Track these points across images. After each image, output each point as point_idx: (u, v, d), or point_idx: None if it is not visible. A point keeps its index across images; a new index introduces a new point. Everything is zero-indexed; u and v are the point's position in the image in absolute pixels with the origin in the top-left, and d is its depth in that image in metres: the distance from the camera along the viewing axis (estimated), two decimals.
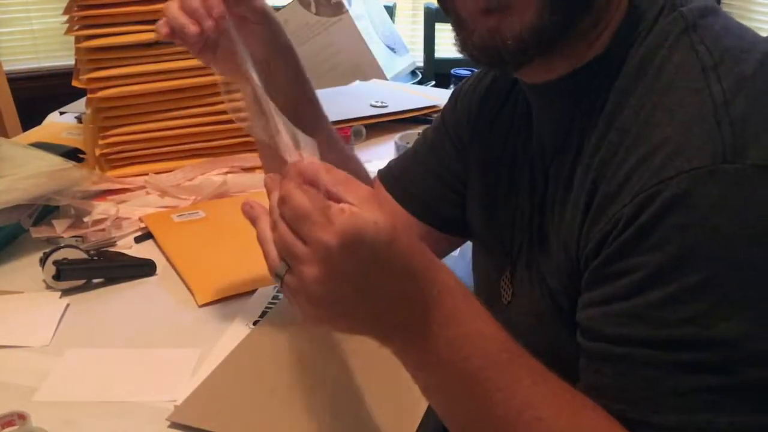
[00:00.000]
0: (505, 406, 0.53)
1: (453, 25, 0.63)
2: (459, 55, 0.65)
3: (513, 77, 0.73)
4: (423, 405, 0.70)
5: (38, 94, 2.07)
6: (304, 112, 0.83)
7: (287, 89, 0.82)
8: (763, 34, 0.63)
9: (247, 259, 0.89)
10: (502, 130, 0.75)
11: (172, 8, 0.71)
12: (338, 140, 0.92)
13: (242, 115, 0.73)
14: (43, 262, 0.91)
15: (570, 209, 0.61)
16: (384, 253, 0.50)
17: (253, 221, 0.56)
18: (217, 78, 1.20)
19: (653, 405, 0.52)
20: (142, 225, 1.06)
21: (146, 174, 1.21)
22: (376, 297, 0.52)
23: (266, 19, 0.78)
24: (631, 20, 0.60)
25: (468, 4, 0.59)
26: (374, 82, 1.68)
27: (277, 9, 1.79)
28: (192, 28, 0.70)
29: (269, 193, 0.55)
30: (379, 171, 0.91)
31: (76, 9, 1.15)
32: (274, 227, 0.52)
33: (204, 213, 1.09)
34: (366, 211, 0.50)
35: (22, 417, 0.67)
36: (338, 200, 0.51)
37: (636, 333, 0.52)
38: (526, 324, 0.68)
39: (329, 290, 0.50)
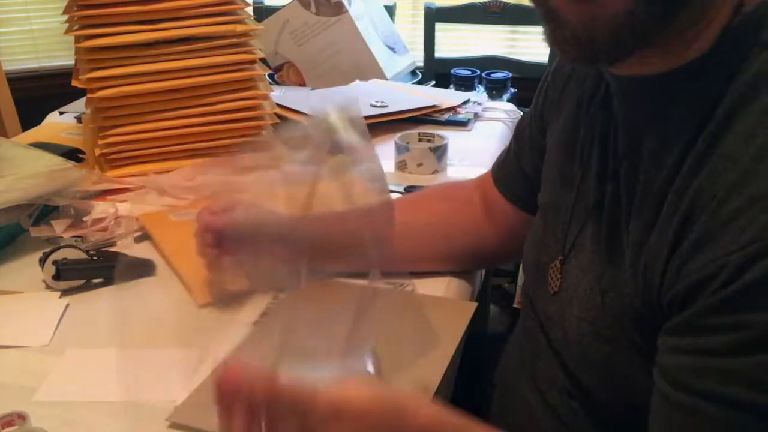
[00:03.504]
0: None
1: (541, 17, 0.58)
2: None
3: None
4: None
5: (38, 94, 2.07)
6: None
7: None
8: None
9: None
10: (579, 105, 0.72)
11: None
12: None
13: None
14: (42, 262, 0.90)
15: (655, 231, 0.56)
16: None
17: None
18: (216, 78, 1.21)
19: None
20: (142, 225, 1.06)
21: (146, 174, 1.21)
22: None
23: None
24: (742, 27, 0.54)
25: None
26: (374, 82, 1.67)
27: (277, 9, 1.79)
28: None
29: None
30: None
31: (75, 9, 1.15)
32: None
33: None
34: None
35: (21, 417, 0.67)
36: None
37: (739, 394, 0.48)
38: (572, 317, 0.66)
39: None
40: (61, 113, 1.57)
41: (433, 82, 2.01)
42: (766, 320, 0.47)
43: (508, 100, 1.86)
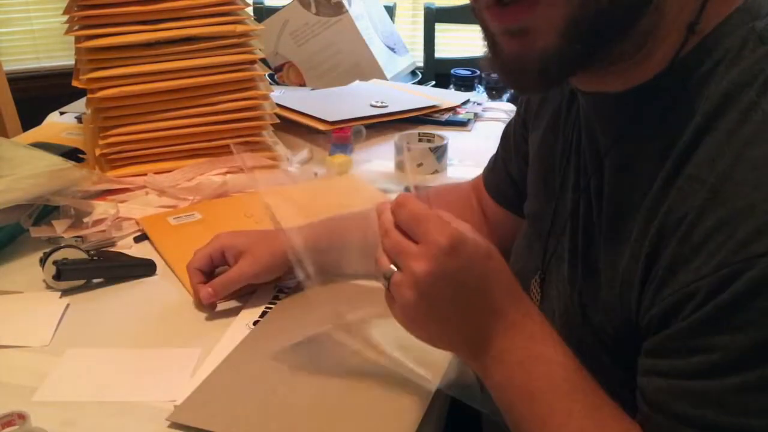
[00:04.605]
0: (555, 429, 0.57)
1: (485, 40, 0.60)
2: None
3: None
4: (423, 406, 0.70)
5: (38, 94, 2.07)
6: None
7: None
8: None
9: None
10: (558, 114, 0.72)
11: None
12: None
13: None
14: (43, 262, 0.91)
15: (627, 252, 0.57)
16: (481, 264, 0.58)
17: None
18: (217, 78, 1.21)
19: None
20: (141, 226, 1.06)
21: (146, 174, 1.21)
22: (468, 304, 0.58)
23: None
24: (699, 48, 0.54)
25: (492, 23, 0.56)
26: (374, 82, 1.67)
27: (277, 9, 1.79)
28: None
29: (379, 216, 0.61)
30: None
31: (76, 9, 1.15)
32: (385, 235, 0.59)
33: (200, 215, 1.09)
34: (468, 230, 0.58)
35: (21, 417, 0.67)
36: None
37: (710, 416, 0.49)
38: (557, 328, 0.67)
39: (434, 286, 0.56)
40: (61, 113, 1.57)
41: (433, 82, 2.01)
42: (731, 343, 0.48)
43: (508, 100, 1.86)
